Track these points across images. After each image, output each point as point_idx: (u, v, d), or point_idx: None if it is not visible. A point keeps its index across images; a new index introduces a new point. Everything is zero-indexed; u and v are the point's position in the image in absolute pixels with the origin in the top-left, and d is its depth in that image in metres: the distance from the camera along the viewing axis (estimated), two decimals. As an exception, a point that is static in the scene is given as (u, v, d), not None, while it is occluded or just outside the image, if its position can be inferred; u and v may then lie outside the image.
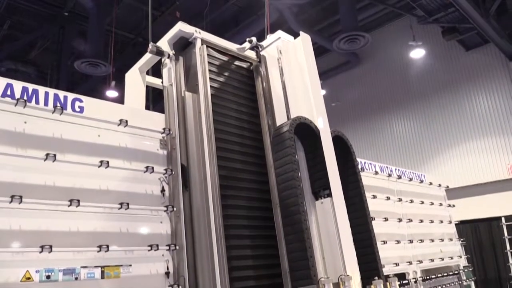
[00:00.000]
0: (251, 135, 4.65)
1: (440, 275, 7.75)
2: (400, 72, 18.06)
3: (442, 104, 16.78)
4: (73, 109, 3.83)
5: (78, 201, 3.53)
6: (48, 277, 3.32)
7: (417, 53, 16.26)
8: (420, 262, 7.20)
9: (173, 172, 4.14)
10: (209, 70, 4.49)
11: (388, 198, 6.99)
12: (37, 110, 3.61)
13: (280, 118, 4.63)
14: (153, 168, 4.02)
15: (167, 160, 4.27)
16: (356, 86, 19.44)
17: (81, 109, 3.88)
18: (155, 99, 13.89)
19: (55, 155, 3.52)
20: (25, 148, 3.48)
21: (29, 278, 3.24)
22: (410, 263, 6.94)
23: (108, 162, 3.78)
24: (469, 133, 16.02)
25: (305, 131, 4.41)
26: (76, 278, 3.43)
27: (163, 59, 4.65)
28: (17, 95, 3.52)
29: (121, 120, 3.98)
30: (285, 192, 4.05)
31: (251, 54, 5.04)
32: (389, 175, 7.35)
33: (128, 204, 3.78)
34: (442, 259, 7.86)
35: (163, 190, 4.14)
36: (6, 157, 3.34)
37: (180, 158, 4.19)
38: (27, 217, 3.36)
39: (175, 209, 4.04)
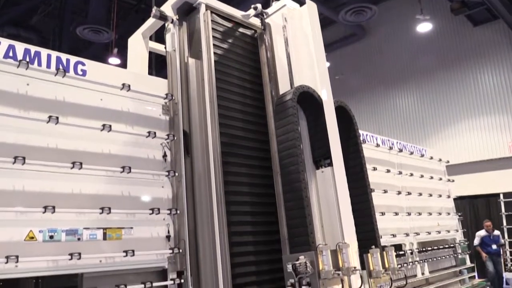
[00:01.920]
0: (254, 103, 4.64)
1: (436, 247, 7.88)
2: (406, 46, 17.84)
3: (447, 79, 16.65)
4: (76, 72, 3.81)
5: (81, 163, 3.56)
6: (51, 237, 3.38)
7: (424, 27, 15.97)
8: (417, 234, 7.30)
9: (175, 138, 4.15)
10: (213, 37, 4.44)
11: (388, 171, 7.03)
12: (39, 72, 3.59)
13: (283, 87, 4.61)
14: (155, 133, 4.03)
15: (169, 125, 4.28)
16: (361, 59, 19.24)
17: (84, 72, 3.86)
18: (158, 67, 13.78)
19: (57, 118, 3.52)
20: (27, 110, 3.49)
21: (32, 238, 3.30)
22: (407, 234, 7.04)
23: (110, 126, 3.79)
24: (472, 110, 15.96)
25: (308, 100, 4.40)
26: (79, 239, 3.50)
27: (166, 24, 4.58)
28: (19, 57, 3.50)
29: (123, 85, 3.96)
30: (286, 160, 4.08)
31: (256, 21, 4.97)
32: (390, 148, 7.37)
33: (130, 168, 3.81)
34: (439, 232, 7.96)
35: (165, 156, 4.17)
36: (9, 119, 3.34)
37: (182, 124, 4.19)
38: (30, 178, 3.39)
39: (176, 174, 4.07)
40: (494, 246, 11.59)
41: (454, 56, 16.42)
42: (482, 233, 11.90)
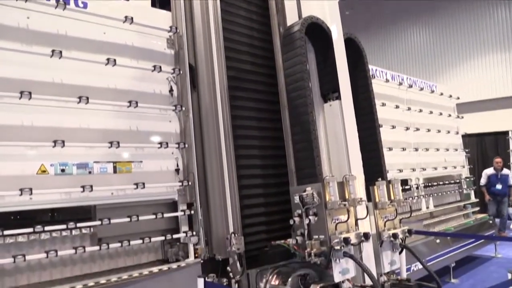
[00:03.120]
0: (261, 36, 4.51)
1: (441, 183, 7.98)
2: (418, -22, 16.98)
3: (460, 13, 16.01)
4: (76, 4, 3.69)
5: (87, 98, 3.55)
6: (62, 170, 3.45)
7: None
8: (424, 169, 7.37)
9: (181, 72, 4.09)
10: (218, -34, 4.23)
11: (397, 107, 6.97)
12: (39, 4, 3.47)
13: (291, 18, 4.45)
14: (160, 67, 3.97)
15: (174, 59, 4.20)
16: (372, -7, 18.42)
17: (85, 4, 3.74)
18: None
19: (61, 52, 3.46)
20: (30, 44, 3.42)
21: (44, 171, 3.37)
22: (414, 170, 7.11)
23: (115, 60, 3.73)
24: (485, 46, 15.48)
25: (316, 32, 4.27)
26: (90, 172, 3.57)
27: (168, -48, 4.36)
28: (17, -12, 3.37)
29: (126, 17, 3.85)
30: (294, 93, 4.03)
31: None
32: (400, 84, 7.25)
33: (136, 102, 3.79)
34: (445, 168, 8.03)
35: (171, 90, 4.14)
36: (12, 53, 3.30)
37: (187, 57, 4.11)
38: (38, 113, 3.41)
39: (183, 108, 4.06)
40: (499, 186, 10.62)
41: (469, -13, 15.67)
42: (489, 171, 11.01)
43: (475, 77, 15.68)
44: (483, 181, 11.00)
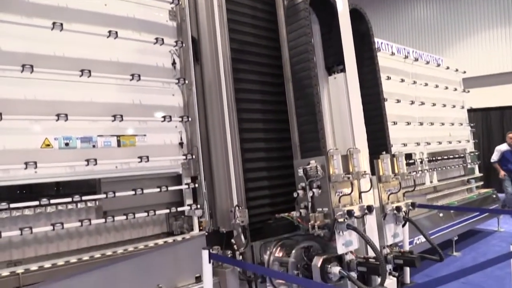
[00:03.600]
0: (264, 7, 4.41)
1: (446, 157, 7.96)
2: None
3: (469, -15, 15.66)
4: (76, -24, 3.62)
5: (89, 71, 3.51)
6: (66, 144, 3.45)
7: None
8: (428, 144, 7.34)
9: (184, 45, 4.04)
10: None
11: (402, 80, 6.89)
12: (38, -24, 3.41)
13: (295, -11, 4.35)
14: (163, 40, 3.92)
15: (177, 32, 4.15)
16: (378, -36, 18.02)
17: (85, -24, 3.66)
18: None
19: (61, 24, 3.41)
20: (30, 17, 3.37)
21: (48, 145, 3.38)
22: (418, 144, 7.08)
23: (116, 32, 3.67)
24: (493, 20, 15.20)
25: (321, 2, 4.18)
26: (94, 146, 3.57)
27: None
28: (15, -43, 3.30)
29: (127, -12, 3.78)
30: (298, 66, 3.98)
31: None
32: (406, 57, 7.15)
33: (139, 75, 3.76)
34: (450, 142, 7.99)
35: (174, 63, 4.10)
36: (12, 26, 3.25)
37: (190, 30, 4.05)
38: (41, 87, 3.39)
39: (186, 81, 4.02)
40: None
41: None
42: (503, 147, 10.38)
43: (482, 52, 15.45)
44: (495, 157, 10.46)
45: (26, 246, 3.42)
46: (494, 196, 8.92)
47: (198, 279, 3.48)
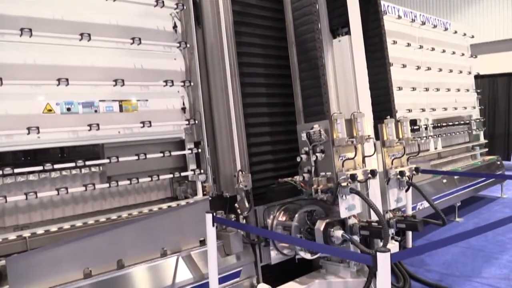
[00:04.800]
0: (267, -32, 4.29)
1: (451, 123, 7.90)
2: None
3: None
4: None
5: (89, 35, 3.45)
6: (68, 109, 3.43)
7: None
8: (433, 110, 7.26)
9: (185, 7, 3.94)
10: None
11: (408, 45, 6.75)
12: None
13: None
14: (163, 2, 3.82)
15: (177, -6, 4.05)
16: None
17: None
18: None
19: (60, -14, 3.33)
20: (25, -22, 3.29)
21: (50, 110, 3.36)
22: (423, 110, 7.00)
23: (115, -6, 3.59)
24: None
25: (325, -38, 4.04)
26: (96, 111, 3.55)
27: None
28: None
29: None
30: (302, 28, 3.88)
31: None
32: (413, 21, 6.97)
33: (140, 39, 3.69)
34: (456, 108, 7.90)
35: (175, 26, 4.01)
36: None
37: (191, -9, 3.95)
38: (40, 51, 3.35)
39: (188, 45, 3.95)
40: None
41: None
42: None
43: (490, 17, 15.08)
44: None
45: (32, 211, 3.46)
46: (499, 163, 8.89)
47: (203, 243, 3.52)
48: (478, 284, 4.40)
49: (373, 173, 3.64)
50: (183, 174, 3.94)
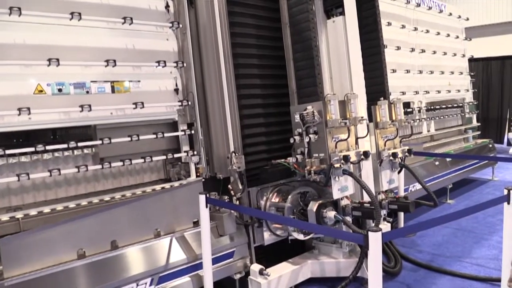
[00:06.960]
0: None
1: (444, 106, 7.91)
2: None
3: None
4: None
5: (80, 14, 3.39)
6: (59, 90, 3.39)
7: None
8: (427, 92, 7.26)
9: (177, -14, 3.89)
10: None
11: (403, 27, 6.70)
12: None
13: None
14: (155, -20, 3.76)
15: (169, -27, 3.98)
16: None
17: None
18: None
19: (49, -36, 3.26)
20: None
21: (41, 91, 3.32)
22: (417, 92, 7.00)
23: (106, -27, 3.52)
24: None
25: None
26: (87, 92, 3.51)
27: None
28: None
29: None
30: (295, 8, 3.85)
31: None
32: (408, 2, 6.91)
33: (131, 19, 3.64)
34: (449, 91, 7.91)
35: (167, 6, 3.95)
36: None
37: (183, -30, 3.88)
38: (30, 31, 3.28)
39: (180, 25, 3.90)
40: None
41: None
42: None
43: (485, 0, 14.98)
44: None
45: (25, 193, 3.45)
46: (491, 146, 8.95)
47: (196, 224, 3.54)
48: (468, 264, 4.47)
49: (366, 154, 3.65)
50: (176, 155, 3.93)
